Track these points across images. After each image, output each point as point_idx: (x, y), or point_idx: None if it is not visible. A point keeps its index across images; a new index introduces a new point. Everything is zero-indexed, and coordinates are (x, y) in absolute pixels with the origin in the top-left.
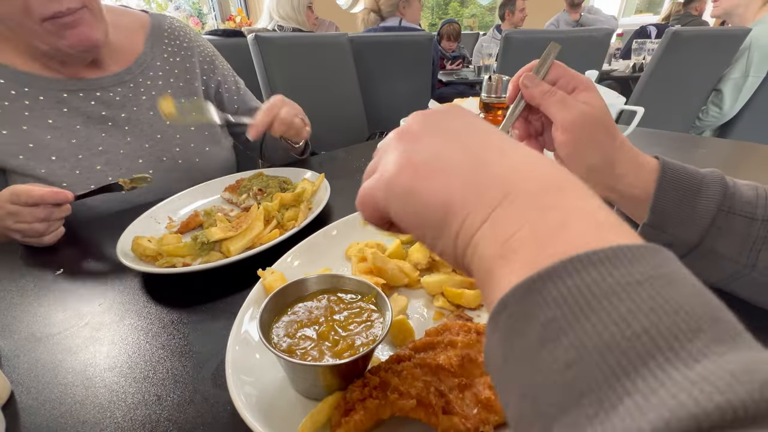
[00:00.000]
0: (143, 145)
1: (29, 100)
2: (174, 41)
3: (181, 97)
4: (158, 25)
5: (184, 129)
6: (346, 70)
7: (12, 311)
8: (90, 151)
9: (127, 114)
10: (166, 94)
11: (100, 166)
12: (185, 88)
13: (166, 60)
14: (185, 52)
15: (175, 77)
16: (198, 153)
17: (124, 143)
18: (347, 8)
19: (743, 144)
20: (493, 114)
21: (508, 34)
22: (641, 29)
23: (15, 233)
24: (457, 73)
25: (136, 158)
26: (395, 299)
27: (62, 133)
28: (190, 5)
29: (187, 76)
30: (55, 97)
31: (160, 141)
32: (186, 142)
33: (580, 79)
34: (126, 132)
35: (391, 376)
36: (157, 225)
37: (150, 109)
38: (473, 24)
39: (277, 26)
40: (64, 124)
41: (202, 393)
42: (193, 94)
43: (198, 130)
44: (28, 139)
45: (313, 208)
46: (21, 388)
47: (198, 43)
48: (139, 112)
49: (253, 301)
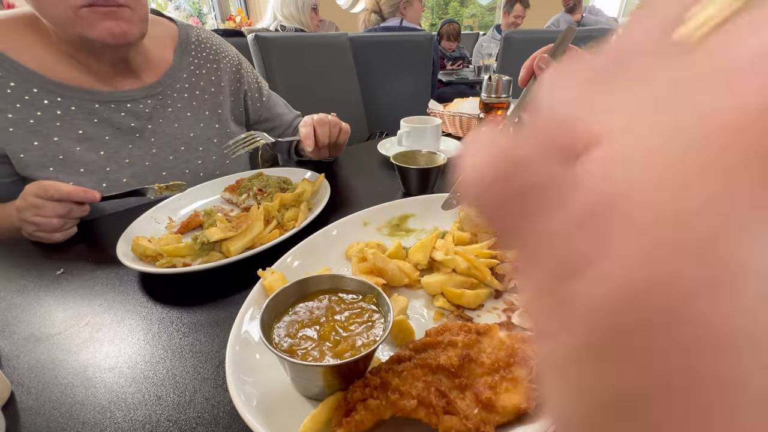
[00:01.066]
0: (168, 157)
1: (61, 110)
2: (201, 53)
3: (206, 110)
4: (186, 36)
5: (206, 141)
6: (346, 70)
7: (12, 311)
8: (118, 164)
9: (153, 126)
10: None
11: (126, 179)
12: (210, 101)
13: (192, 72)
14: (211, 64)
15: (201, 90)
16: (219, 165)
17: (150, 155)
18: (347, 8)
19: None
20: (493, 114)
21: (508, 34)
22: None
23: (30, 226)
24: (457, 73)
25: (160, 171)
26: (395, 299)
27: (92, 145)
28: (190, 5)
29: (212, 89)
30: (87, 108)
31: (184, 153)
32: (208, 154)
33: None
34: (152, 144)
35: (391, 376)
36: (157, 225)
37: (175, 121)
38: (473, 24)
39: (279, 26)
40: (94, 135)
41: (202, 393)
42: (218, 107)
43: (220, 142)
44: (58, 151)
45: (313, 208)
46: (21, 388)
47: (224, 54)
48: (165, 125)
49: (253, 301)
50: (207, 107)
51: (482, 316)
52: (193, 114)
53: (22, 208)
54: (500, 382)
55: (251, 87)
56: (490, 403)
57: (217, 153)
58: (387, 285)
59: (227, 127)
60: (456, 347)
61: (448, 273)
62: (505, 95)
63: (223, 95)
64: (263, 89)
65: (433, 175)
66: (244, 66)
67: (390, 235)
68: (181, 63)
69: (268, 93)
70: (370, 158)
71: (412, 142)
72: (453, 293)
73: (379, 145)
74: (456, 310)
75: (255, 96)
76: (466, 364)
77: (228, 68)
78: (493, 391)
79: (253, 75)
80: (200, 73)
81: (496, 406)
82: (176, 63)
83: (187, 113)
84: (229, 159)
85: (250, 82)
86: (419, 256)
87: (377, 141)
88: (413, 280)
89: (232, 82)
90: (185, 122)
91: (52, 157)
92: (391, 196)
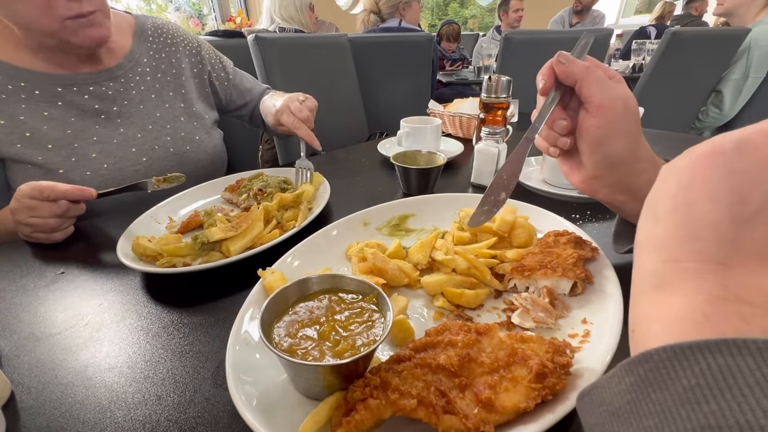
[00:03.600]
0: (135, 135)
1: (25, 94)
2: (158, 38)
3: (170, 91)
4: (142, 24)
5: (173, 119)
6: (346, 70)
7: (12, 311)
8: (85, 140)
9: (118, 107)
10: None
11: (95, 154)
12: (173, 83)
13: (152, 57)
14: (170, 48)
15: (162, 72)
16: (188, 141)
17: (117, 134)
18: (347, 9)
19: None
20: (492, 114)
21: (508, 35)
22: (641, 30)
23: (26, 227)
24: (457, 74)
25: (129, 147)
26: (395, 299)
27: (57, 124)
28: (190, 6)
29: (173, 71)
30: (50, 92)
31: (152, 131)
32: (176, 131)
33: (612, 71)
34: (118, 124)
35: (391, 376)
36: (157, 225)
37: (140, 102)
38: (473, 25)
39: (278, 28)
40: (60, 116)
41: (202, 393)
42: (181, 87)
43: (187, 120)
44: (24, 129)
45: (313, 208)
46: (21, 388)
47: (181, 38)
48: (130, 106)
49: (253, 301)
50: (170, 88)
51: (482, 315)
52: (157, 95)
53: (17, 210)
54: (500, 382)
55: (214, 67)
56: (489, 403)
57: (186, 130)
58: (387, 285)
59: (192, 106)
60: (456, 347)
61: (448, 273)
62: (505, 95)
63: (185, 76)
64: (227, 67)
65: (433, 175)
66: (204, 48)
67: (390, 235)
68: (140, 48)
69: (233, 70)
70: (370, 158)
71: (412, 142)
72: (453, 293)
73: (379, 145)
74: (456, 310)
75: (221, 75)
76: (465, 363)
77: (186, 51)
78: (493, 391)
79: (216, 55)
80: (160, 57)
81: (495, 406)
82: (135, 48)
83: (151, 95)
84: (199, 135)
85: (213, 63)
86: (419, 256)
87: (377, 141)
88: (413, 280)
89: (193, 64)
90: (150, 103)
91: (19, 134)
92: (391, 196)
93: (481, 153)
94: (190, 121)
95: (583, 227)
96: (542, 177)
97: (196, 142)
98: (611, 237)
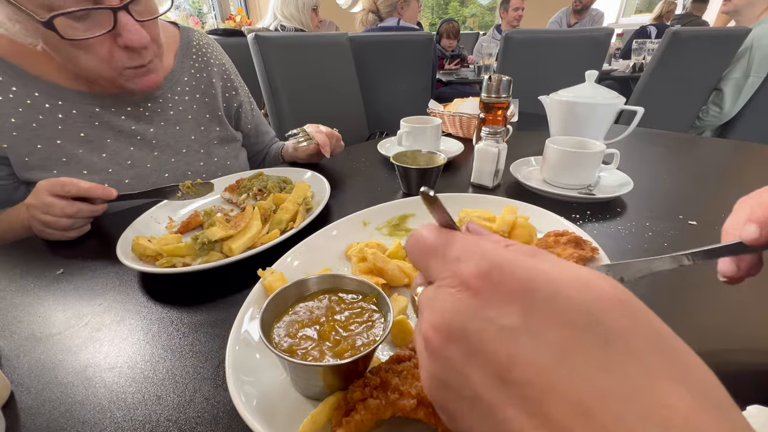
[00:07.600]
0: (170, 159)
1: (62, 114)
2: (201, 57)
3: (206, 113)
4: (187, 39)
5: (208, 143)
6: (346, 70)
7: (12, 311)
8: (119, 165)
9: (155, 129)
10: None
11: (128, 180)
12: (210, 104)
13: (192, 75)
14: (210, 68)
15: (201, 93)
16: (220, 167)
17: (151, 158)
18: (347, 8)
19: (743, 144)
20: (493, 114)
21: (509, 35)
22: (641, 29)
23: (38, 224)
24: (457, 73)
25: (162, 173)
26: (395, 299)
27: (93, 147)
28: (189, 4)
29: (212, 92)
30: (88, 112)
31: (185, 155)
32: (209, 157)
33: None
34: (153, 146)
35: (391, 376)
36: (157, 225)
37: (176, 124)
38: (473, 24)
39: (279, 26)
40: (96, 137)
41: (202, 393)
42: (216, 110)
43: (220, 144)
44: (61, 154)
45: (313, 208)
46: (21, 388)
47: (220, 62)
48: (166, 127)
49: (253, 301)
50: (207, 110)
51: None
52: (194, 117)
53: (33, 205)
54: None
55: (245, 100)
56: None
57: (219, 155)
58: (387, 285)
59: (227, 129)
60: None
61: None
62: (505, 95)
63: (219, 97)
64: (253, 103)
65: (433, 175)
66: (238, 78)
67: (390, 235)
68: (182, 66)
69: (257, 109)
70: (370, 158)
71: (412, 142)
72: None
73: (379, 145)
74: None
75: (248, 109)
76: None
77: (222, 75)
78: None
79: (245, 89)
80: (200, 76)
81: None
82: (177, 67)
83: (188, 116)
84: (230, 161)
85: (243, 96)
86: None
87: (377, 141)
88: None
89: (223, 89)
90: (186, 125)
91: (56, 159)
92: (391, 196)
93: (481, 153)
94: (222, 145)
95: (583, 227)
96: (542, 177)
97: (227, 168)
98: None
